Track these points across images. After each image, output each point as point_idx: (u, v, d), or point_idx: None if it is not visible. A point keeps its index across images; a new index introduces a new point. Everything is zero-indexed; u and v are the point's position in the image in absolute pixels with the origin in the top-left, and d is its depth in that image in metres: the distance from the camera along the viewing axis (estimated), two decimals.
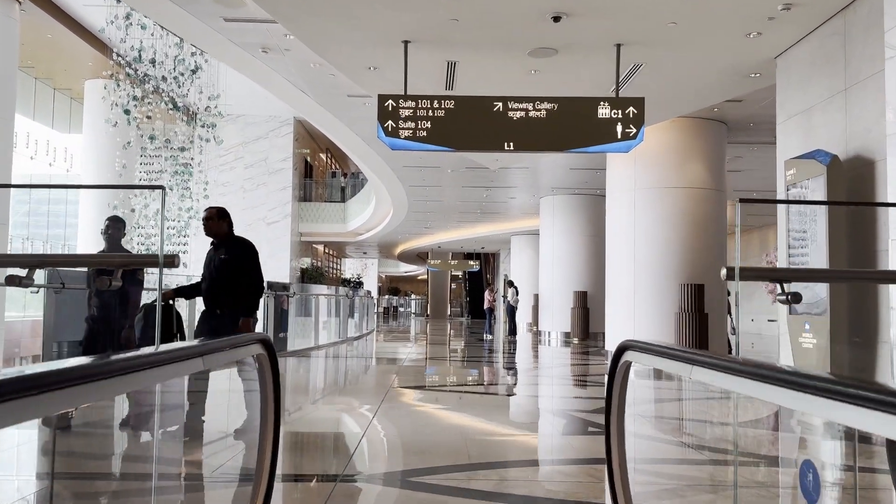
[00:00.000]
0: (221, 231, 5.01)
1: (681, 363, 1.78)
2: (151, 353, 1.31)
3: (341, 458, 4.28)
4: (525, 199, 19.26)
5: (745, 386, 1.40)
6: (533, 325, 24.05)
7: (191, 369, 1.54)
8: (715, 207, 10.98)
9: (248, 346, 2.02)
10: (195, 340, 1.73)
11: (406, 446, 4.72)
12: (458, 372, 10.43)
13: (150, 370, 1.30)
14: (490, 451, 4.51)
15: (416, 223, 25.52)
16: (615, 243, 11.43)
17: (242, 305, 4.91)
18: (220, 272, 4.90)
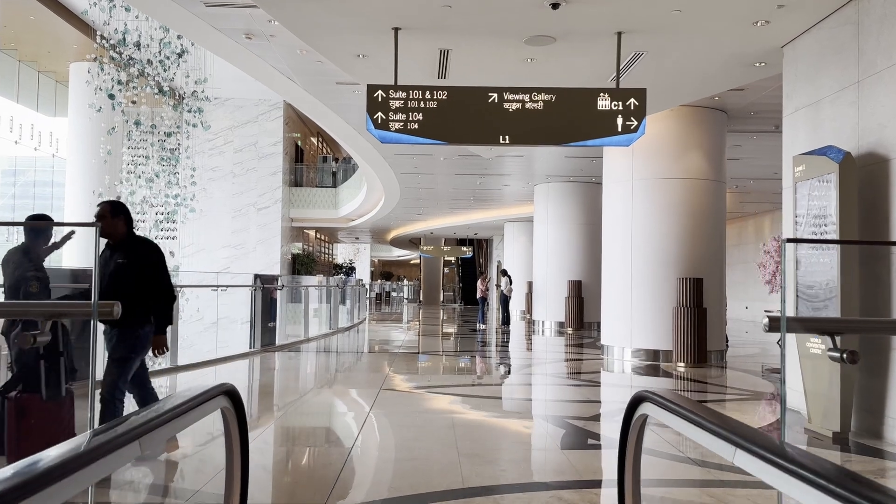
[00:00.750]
0: (117, 231, 4.22)
1: (720, 441, 1.49)
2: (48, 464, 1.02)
3: (321, 487, 4.01)
4: (519, 187, 18.95)
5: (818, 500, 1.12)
6: (526, 312, 23.85)
7: (122, 461, 1.24)
8: (714, 198, 10.70)
9: (208, 402, 1.72)
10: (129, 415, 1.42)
11: (393, 468, 4.47)
12: (451, 368, 10.18)
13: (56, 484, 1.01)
14: (486, 475, 4.26)
15: (408, 210, 25.19)
16: (612, 235, 11.15)
17: (148, 318, 4.21)
18: (116, 279, 4.13)
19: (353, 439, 5.08)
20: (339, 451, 4.70)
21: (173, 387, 7.79)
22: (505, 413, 6.41)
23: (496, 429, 5.62)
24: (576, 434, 5.39)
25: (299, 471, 4.41)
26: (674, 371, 9.68)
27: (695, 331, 9.89)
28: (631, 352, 10.58)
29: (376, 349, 13.10)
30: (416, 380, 8.44)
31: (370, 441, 5.06)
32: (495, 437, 5.27)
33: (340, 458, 4.44)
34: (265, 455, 4.60)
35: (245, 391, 7.59)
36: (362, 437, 5.12)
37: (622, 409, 1.99)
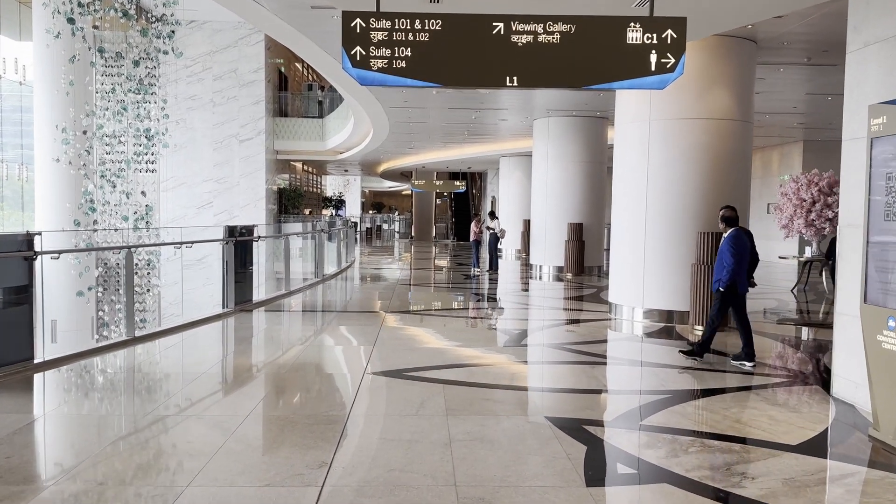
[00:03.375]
0: None
1: None
2: None
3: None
4: (517, 122, 17.64)
5: None
6: (522, 252, 22.89)
7: None
8: (740, 142, 9.54)
9: None
10: None
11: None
12: (442, 327, 9.23)
13: None
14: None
15: (398, 144, 23.83)
16: (624, 182, 10.02)
17: None
18: None
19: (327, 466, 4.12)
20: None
21: (123, 366, 6.80)
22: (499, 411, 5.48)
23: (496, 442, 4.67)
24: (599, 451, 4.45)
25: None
26: (690, 334, 8.75)
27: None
28: (642, 312, 9.63)
29: (363, 305, 12.12)
30: (403, 336, 7.48)
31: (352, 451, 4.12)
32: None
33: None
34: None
35: (207, 376, 6.62)
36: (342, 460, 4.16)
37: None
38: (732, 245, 6.92)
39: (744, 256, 6.95)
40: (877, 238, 4.71)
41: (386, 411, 5.20)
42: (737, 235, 6.99)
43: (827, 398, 5.73)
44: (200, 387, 5.93)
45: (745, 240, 7.03)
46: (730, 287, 6.90)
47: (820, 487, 3.79)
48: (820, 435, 4.78)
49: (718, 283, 6.94)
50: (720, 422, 5.01)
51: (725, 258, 6.91)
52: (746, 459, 4.22)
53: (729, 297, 6.99)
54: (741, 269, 6.95)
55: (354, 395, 5.53)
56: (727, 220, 7.13)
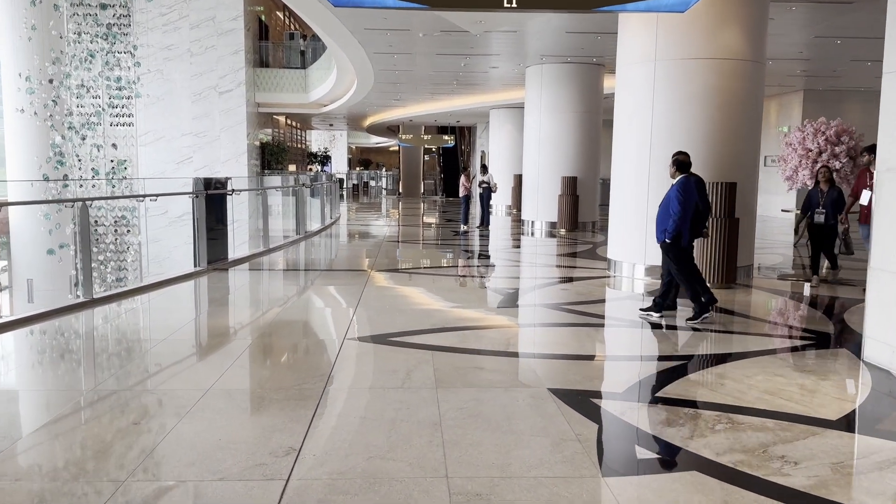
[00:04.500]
0: None
1: None
2: None
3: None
4: (508, 69, 16.76)
5: None
6: (513, 208, 22.21)
7: None
8: (752, 85, 8.82)
9: None
10: None
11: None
12: (431, 287, 8.60)
13: None
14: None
15: (384, 95, 22.86)
16: (625, 130, 9.30)
17: None
18: None
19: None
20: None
21: (72, 332, 6.13)
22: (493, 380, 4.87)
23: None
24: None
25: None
26: None
27: (725, 246, 8.30)
28: (644, 269, 9.01)
29: (347, 263, 11.47)
30: (387, 321, 6.86)
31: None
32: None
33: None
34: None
35: (169, 343, 5.97)
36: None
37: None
38: (681, 192, 6.38)
39: (690, 205, 6.43)
40: None
41: (367, 383, 4.57)
42: (685, 182, 6.45)
43: (857, 363, 5.16)
44: (155, 357, 5.28)
45: (693, 188, 6.50)
46: (675, 237, 6.40)
47: (876, 475, 3.21)
48: (861, 407, 4.21)
49: (664, 233, 6.44)
50: (745, 392, 4.42)
51: (673, 206, 6.39)
52: (784, 439, 3.63)
53: (680, 247, 6.48)
54: (688, 219, 6.42)
55: (332, 366, 4.90)
56: (679, 165, 6.57)
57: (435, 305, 7.22)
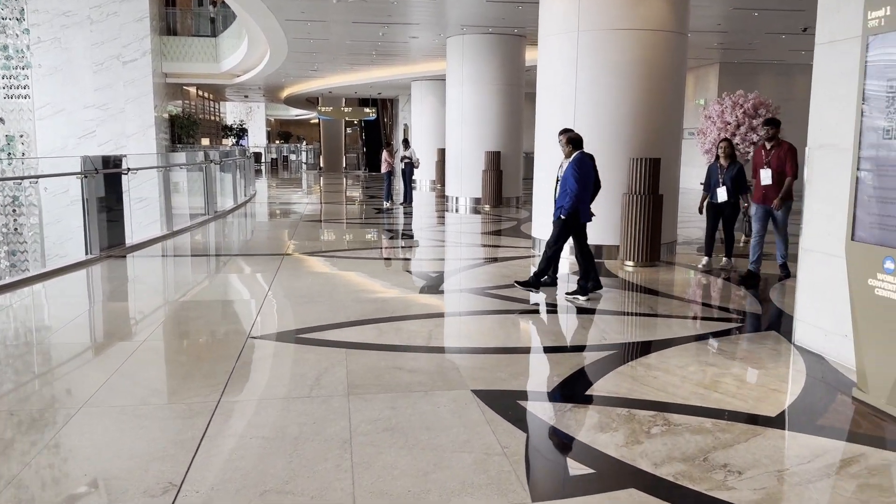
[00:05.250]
0: None
1: None
2: None
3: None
4: (428, 39, 16.20)
5: None
6: (437, 183, 21.78)
7: None
8: (676, 57, 8.63)
9: None
10: None
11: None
12: (349, 272, 8.10)
13: None
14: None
15: (300, 66, 21.88)
16: (549, 104, 8.96)
17: None
18: None
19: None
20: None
21: None
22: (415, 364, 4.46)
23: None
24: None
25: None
26: (620, 271, 7.99)
27: (648, 223, 8.11)
28: (569, 248, 8.75)
29: (258, 246, 10.80)
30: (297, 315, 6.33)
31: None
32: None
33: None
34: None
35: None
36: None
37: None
38: (577, 169, 6.31)
39: (588, 182, 6.40)
40: (874, 162, 3.84)
41: (269, 393, 4.06)
42: (581, 159, 6.43)
43: (789, 347, 5.00)
44: (11, 368, 4.60)
45: (590, 164, 6.46)
46: (572, 215, 6.34)
47: (825, 483, 2.96)
48: (798, 400, 4.00)
49: (560, 210, 6.37)
50: (679, 386, 4.16)
51: (570, 184, 6.31)
52: (724, 442, 3.36)
53: (570, 225, 6.46)
54: (585, 196, 6.41)
55: (230, 372, 4.35)
56: (573, 143, 6.49)
57: (352, 294, 6.72)
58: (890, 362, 3.70)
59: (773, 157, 7.27)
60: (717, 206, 7.97)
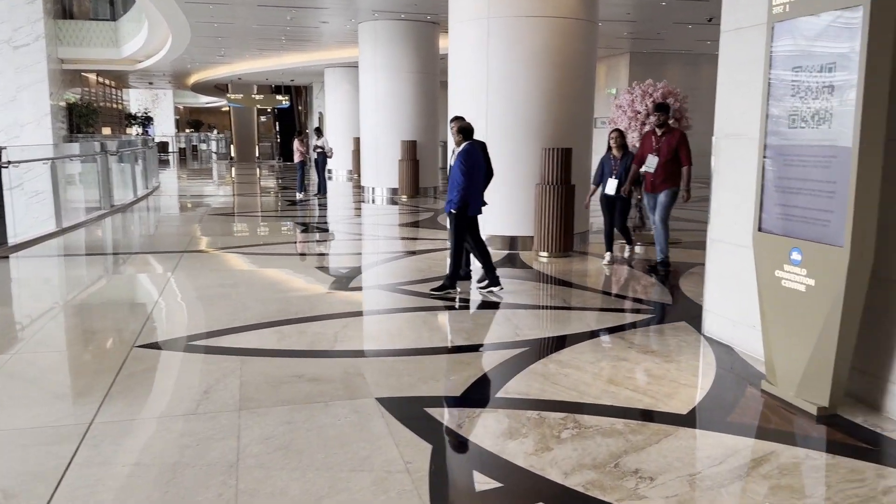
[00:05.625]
0: None
1: None
2: None
3: None
4: (340, 25, 15.73)
5: None
6: (354, 173, 21.33)
7: None
8: (586, 45, 8.59)
9: None
10: None
11: None
12: (253, 270, 7.69)
13: None
14: None
15: (206, 51, 20.93)
16: (461, 93, 8.77)
17: None
18: None
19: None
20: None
21: None
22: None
23: None
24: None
25: None
26: (535, 262, 7.90)
27: (561, 213, 8.05)
28: (486, 239, 8.61)
29: (155, 243, 10.18)
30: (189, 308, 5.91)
31: None
32: None
33: None
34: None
35: None
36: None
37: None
38: (464, 162, 6.06)
39: (475, 173, 6.15)
40: (779, 151, 3.79)
41: (150, 412, 3.68)
42: (469, 150, 6.14)
43: (699, 338, 4.98)
44: None
45: (479, 155, 6.24)
46: (462, 208, 6.12)
47: (737, 486, 2.87)
48: (709, 395, 3.94)
49: (450, 203, 6.16)
50: (591, 384, 4.03)
51: (456, 176, 6.09)
52: (636, 445, 3.23)
53: (463, 219, 6.21)
54: (473, 188, 6.15)
55: (109, 387, 3.93)
56: (464, 132, 6.23)
57: (255, 293, 6.33)
58: (797, 354, 3.67)
59: (663, 145, 7.07)
60: (611, 198, 7.73)
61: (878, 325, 3.58)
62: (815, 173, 3.54)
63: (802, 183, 3.62)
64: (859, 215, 3.32)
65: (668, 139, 7.09)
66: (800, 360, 3.66)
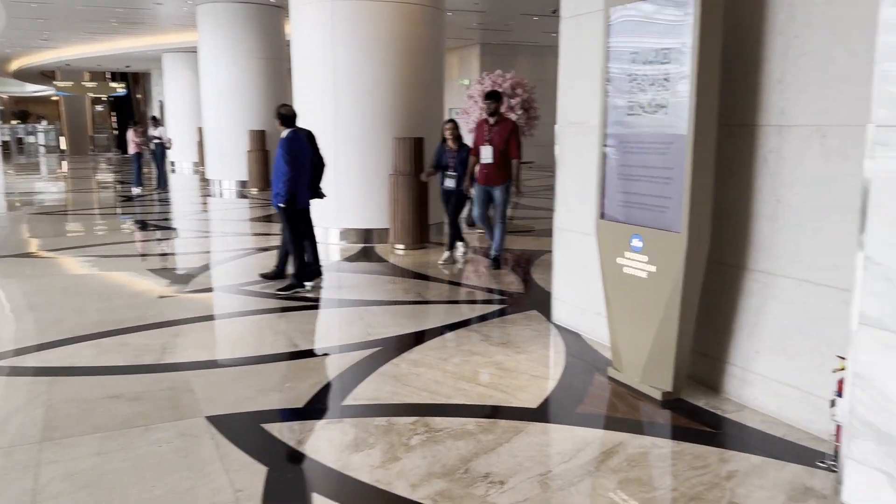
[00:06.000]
0: None
1: None
2: None
3: None
4: (176, 7, 14.67)
5: None
6: (200, 164, 20.10)
7: None
8: (434, 33, 8.45)
9: None
10: None
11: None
12: (74, 276, 6.92)
13: None
14: None
15: (26, 34, 18.87)
16: (306, 80, 8.35)
17: None
18: None
19: None
20: None
21: None
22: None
23: None
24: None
25: None
26: (391, 255, 7.70)
27: (415, 204, 7.88)
28: (338, 233, 8.30)
29: None
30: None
31: None
32: None
33: None
34: None
35: None
36: None
37: None
38: (287, 150, 5.68)
39: (301, 162, 5.81)
40: (619, 139, 3.79)
41: None
42: (293, 138, 5.76)
43: (549, 327, 4.97)
44: None
45: (305, 142, 5.89)
46: (290, 201, 5.75)
47: (587, 484, 2.79)
48: (559, 386, 3.89)
49: (277, 197, 5.76)
50: (442, 383, 3.87)
51: (280, 167, 5.69)
52: (486, 446, 3.10)
53: (293, 212, 5.85)
54: (300, 179, 5.80)
55: None
56: (284, 119, 5.84)
57: (75, 302, 5.64)
58: (641, 340, 3.70)
59: (495, 135, 6.66)
60: (449, 192, 7.23)
61: (716, 309, 3.67)
62: (653, 160, 3.55)
63: (642, 170, 3.63)
64: (695, 201, 3.36)
65: (500, 129, 6.67)
66: (643, 346, 3.68)
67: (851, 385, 2.55)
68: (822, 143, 3.10)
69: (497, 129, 6.70)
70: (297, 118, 5.93)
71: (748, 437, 3.22)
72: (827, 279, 3.11)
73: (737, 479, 2.81)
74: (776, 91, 3.30)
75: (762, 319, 3.44)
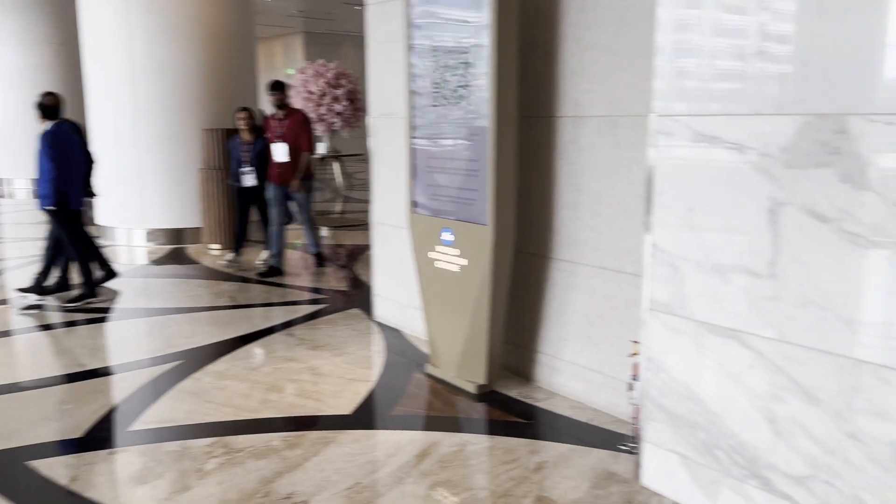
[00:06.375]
0: None
1: None
2: None
3: None
4: None
5: None
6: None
7: None
8: (241, 18, 7.99)
9: None
10: None
11: None
12: None
13: None
14: None
15: None
16: (102, 64, 7.57)
17: None
18: None
19: None
20: None
21: None
22: None
23: None
24: None
25: None
26: (204, 255, 7.18)
27: (229, 200, 7.40)
28: (146, 234, 7.63)
29: None
30: None
31: None
32: None
33: None
34: None
35: None
36: None
37: None
38: (51, 145, 5.00)
39: (70, 158, 5.15)
40: (424, 131, 3.68)
41: None
42: (55, 132, 5.06)
43: (370, 325, 4.81)
44: None
45: (72, 137, 5.23)
46: (61, 203, 5.11)
47: (397, 492, 2.66)
48: (377, 387, 3.73)
49: (45, 200, 5.09)
50: (250, 395, 3.58)
51: (44, 165, 5.02)
52: (292, 463, 2.87)
53: (66, 214, 5.19)
54: (70, 177, 5.14)
55: None
56: (46, 110, 5.10)
57: None
58: (455, 334, 3.63)
59: (286, 129, 6.17)
60: (246, 191, 6.61)
61: (526, 300, 3.68)
62: (459, 153, 3.48)
63: (449, 163, 3.55)
64: (499, 193, 3.32)
65: (290, 123, 6.19)
66: (458, 340, 3.62)
67: (644, 369, 2.61)
68: (614, 134, 3.17)
69: (287, 122, 6.19)
70: (61, 108, 5.15)
71: (557, 425, 3.24)
72: (623, 266, 3.19)
73: (545, 471, 2.80)
74: (571, 83, 3.34)
75: (568, 307, 3.49)
